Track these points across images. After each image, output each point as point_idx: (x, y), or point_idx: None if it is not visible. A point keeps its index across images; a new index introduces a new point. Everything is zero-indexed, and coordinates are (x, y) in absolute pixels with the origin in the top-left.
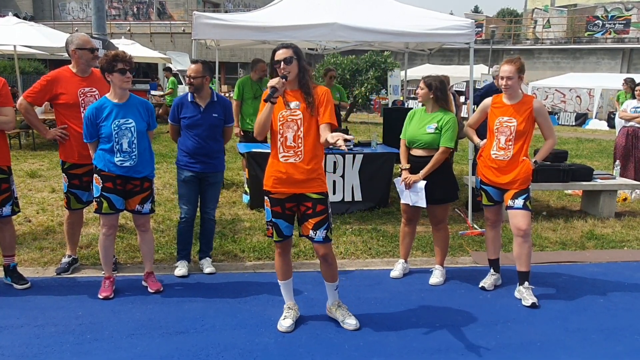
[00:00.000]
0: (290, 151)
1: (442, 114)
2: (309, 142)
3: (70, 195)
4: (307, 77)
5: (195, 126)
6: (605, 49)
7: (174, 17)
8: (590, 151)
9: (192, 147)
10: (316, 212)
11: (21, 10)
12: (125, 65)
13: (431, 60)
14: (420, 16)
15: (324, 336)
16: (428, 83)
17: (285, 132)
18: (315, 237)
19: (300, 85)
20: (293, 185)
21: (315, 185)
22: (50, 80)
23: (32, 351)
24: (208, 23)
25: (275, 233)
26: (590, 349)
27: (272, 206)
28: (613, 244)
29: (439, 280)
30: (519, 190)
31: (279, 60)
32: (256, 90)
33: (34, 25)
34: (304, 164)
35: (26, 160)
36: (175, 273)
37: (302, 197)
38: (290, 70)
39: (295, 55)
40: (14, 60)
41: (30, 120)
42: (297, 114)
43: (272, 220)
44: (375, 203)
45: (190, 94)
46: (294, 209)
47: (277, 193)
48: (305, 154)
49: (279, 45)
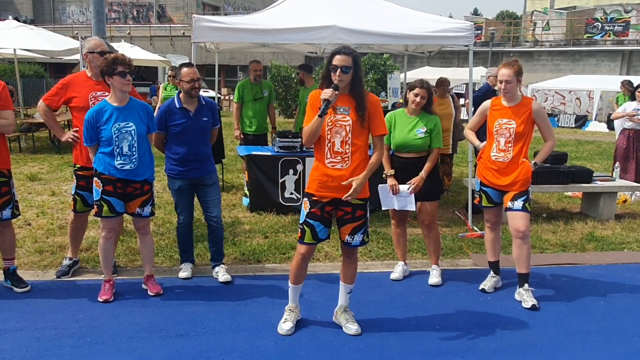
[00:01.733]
0: (337, 157)
1: (427, 117)
2: (357, 149)
3: (78, 197)
4: (361, 87)
5: (186, 132)
6: (605, 51)
7: (173, 20)
8: (590, 153)
9: (183, 154)
10: (355, 217)
11: (21, 13)
12: (125, 68)
13: (431, 63)
14: (419, 19)
15: (324, 339)
16: (430, 92)
17: (333, 137)
18: (352, 242)
19: (351, 91)
20: (338, 191)
21: (360, 192)
22: (65, 83)
23: (32, 354)
24: (208, 26)
25: (310, 235)
26: (590, 351)
27: (311, 207)
28: (613, 245)
29: (437, 280)
30: (518, 192)
31: (337, 66)
32: (256, 93)
33: (34, 29)
34: (351, 170)
35: (26, 164)
36: (180, 275)
37: (342, 202)
38: (344, 80)
39: (354, 65)
40: (14, 63)
41: (48, 122)
42: (346, 120)
43: (307, 221)
44: (375, 206)
45: (177, 100)
46: (331, 212)
47: (319, 196)
48: (352, 161)
49: (341, 48)
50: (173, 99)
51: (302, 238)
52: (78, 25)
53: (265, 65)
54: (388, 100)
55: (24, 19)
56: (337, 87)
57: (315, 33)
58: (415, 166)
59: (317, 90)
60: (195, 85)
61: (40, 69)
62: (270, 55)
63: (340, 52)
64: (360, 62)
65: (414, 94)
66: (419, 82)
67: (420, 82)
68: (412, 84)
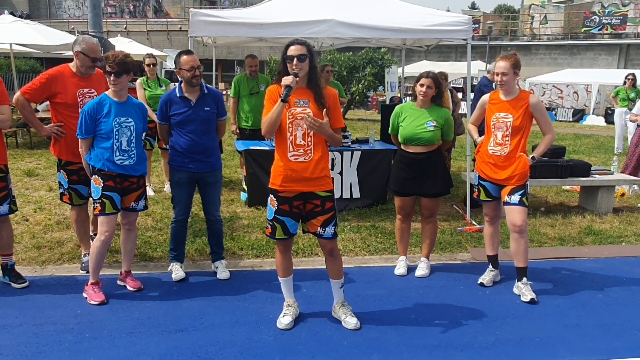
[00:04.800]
0: (299, 150)
1: (438, 110)
2: (319, 141)
3: (72, 191)
4: (317, 76)
5: (187, 122)
6: (602, 44)
7: (170, 14)
8: (587, 147)
9: (186, 146)
10: (325, 210)
11: (17, 8)
12: (112, 68)
13: (428, 57)
14: (417, 12)
15: (323, 333)
16: (438, 83)
17: (295, 130)
18: (324, 234)
19: (309, 84)
20: (302, 184)
21: (324, 184)
22: (50, 78)
23: (30, 350)
24: (204, 20)
25: (282, 231)
26: (589, 344)
27: (280, 204)
28: (611, 239)
29: (424, 273)
30: (516, 186)
31: (292, 56)
32: (252, 87)
33: (30, 24)
34: (314, 162)
35: (23, 159)
36: (173, 278)
37: (310, 195)
38: (302, 68)
39: (309, 53)
40: (10, 58)
41: (27, 117)
42: (306, 112)
43: (277, 218)
44: (374, 200)
45: (178, 89)
46: (300, 207)
47: (285, 191)
48: (315, 153)
49: (293, 40)
50: (174, 88)
51: (273, 234)
52: (74, 20)
53: (264, 59)
54: (386, 95)
55: (20, 13)
56: (297, 75)
57: (312, 27)
58: (423, 162)
59: (274, 85)
60: (195, 73)
61: (37, 64)
62: (268, 50)
63: (294, 43)
64: (314, 52)
65: (419, 84)
66: (425, 72)
67: (427, 72)
68: (419, 76)
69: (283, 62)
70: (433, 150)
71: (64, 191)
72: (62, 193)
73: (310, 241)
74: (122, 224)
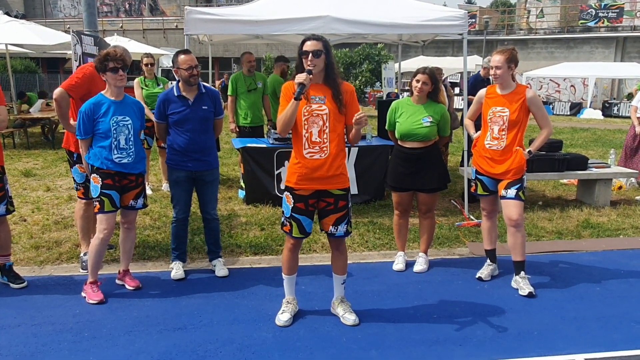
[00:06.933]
0: (315, 147)
1: (434, 106)
2: (335, 138)
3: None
4: (335, 72)
5: (185, 121)
6: (599, 37)
7: (166, 12)
8: (585, 140)
9: (183, 144)
10: (338, 208)
11: (12, 8)
12: (117, 64)
13: (425, 52)
14: (413, 7)
15: (322, 330)
16: (434, 78)
17: (310, 127)
18: (336, 233)
19: (326, 80)
20: (318, 182)
21: (340, 182)
22: (89, 75)
23: (29, 350)
24: (200, 18)
25: (297, 229)
26: (587, 337)
27: (296, 202)
28: (609, 232)
29: (422, 268)
30: (512, 180)
31: (307, 51)
32: (249, 84)
33: (25, 24)
34: (330, 159)
35: (20, 160)
36: (172, 276)
37: (324, 193)
38: (316, 64)
39: (324, 49)
40: (5, 59)
41: (63, 113)
42: (322, 109)
43: (293, 216)
44: (371, 196)
45: (175, 88)
46: (315, 204)
47: (301, 189)
48: (331, 150)
49: (310, 35)
50: (172, 87)
51: (290, 232)
52: (70, 20)
53: (260, 57)
54: (383, 90)
55: (15, 13)
56: (311, 72)
57: (308, 23)
58: (420, 157)
59: (290, 82)
60: (193, 72)
61: (32, 64)
62: (265, 47)
63: (310, 38)
64: (330, 48)
65: (415, 80)
66: (421, 68)
67: (423, 68)
68: (415, 71)
69: (299, 57)
70: (430, 146)
71: (77, 186)
72: (76, 188)
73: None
74: (122, 223)
